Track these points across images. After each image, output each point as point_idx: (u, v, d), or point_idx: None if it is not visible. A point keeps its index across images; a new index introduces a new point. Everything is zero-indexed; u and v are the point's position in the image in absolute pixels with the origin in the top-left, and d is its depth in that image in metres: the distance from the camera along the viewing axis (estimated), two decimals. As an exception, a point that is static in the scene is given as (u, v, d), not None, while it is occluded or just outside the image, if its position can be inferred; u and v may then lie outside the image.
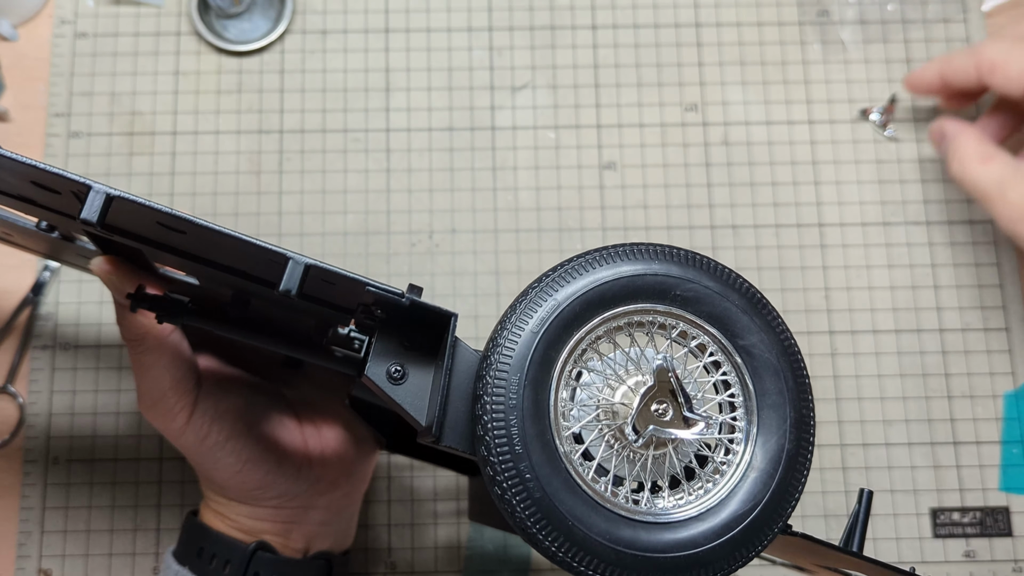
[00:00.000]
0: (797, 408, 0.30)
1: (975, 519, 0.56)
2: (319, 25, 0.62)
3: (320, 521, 0.46)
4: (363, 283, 0.29)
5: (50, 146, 0.59)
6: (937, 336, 0.58)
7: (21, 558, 0.54)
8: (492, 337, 0.30)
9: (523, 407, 0.28)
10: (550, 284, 0.30)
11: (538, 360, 0.29)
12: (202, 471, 0.45)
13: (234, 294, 0.38)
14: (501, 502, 0.28)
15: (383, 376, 0.30)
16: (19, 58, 0.61)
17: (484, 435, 0.28)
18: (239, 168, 0.59)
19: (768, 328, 0.31)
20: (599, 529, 0.28)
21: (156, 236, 0.32)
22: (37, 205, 0.33)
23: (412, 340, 0.31)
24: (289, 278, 0.28)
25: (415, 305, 0.29)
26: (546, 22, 0.62)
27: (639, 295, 0.30)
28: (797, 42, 0.62)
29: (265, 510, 0.45)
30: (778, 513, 0.30)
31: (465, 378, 0.30)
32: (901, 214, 0.60)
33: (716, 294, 0.30)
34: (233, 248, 0.30)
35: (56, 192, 0.30)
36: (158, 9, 0.61)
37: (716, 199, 0.60)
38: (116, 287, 0.38)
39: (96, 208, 0.27)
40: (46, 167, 0.28)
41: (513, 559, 0.55)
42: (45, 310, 0.57)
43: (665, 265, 0.30)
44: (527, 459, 0.28)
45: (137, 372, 0.42)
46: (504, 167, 0.60)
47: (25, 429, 0.56)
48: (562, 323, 0.29)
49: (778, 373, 0.30)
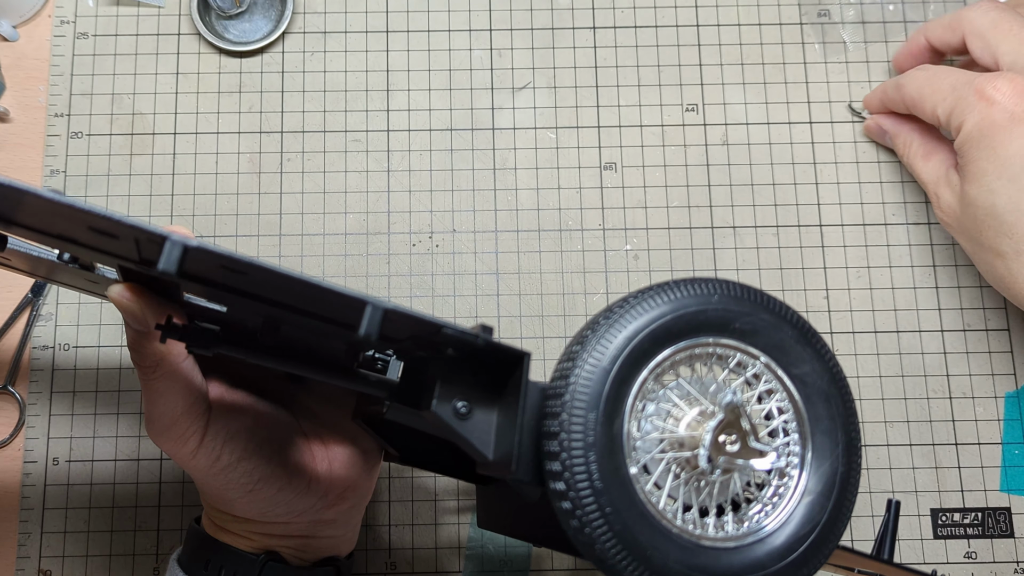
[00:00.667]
0: (847, 432, 0.32)
1: (976, 520, 0.56)
2: (320, 26, 0.62)
3: (328, 533, 0.46)
4: (438, 326, 0.29)
5: (50, 146, 0.59)
6: (938, 337, 0.58)
7: (21, 558, 0.54)
8: (562, 372, 0.30)
9: (600, 444, 0.29)
10: (619, 320, 0.30)
11: (612, 397, 0.30)
12: (212, 492, 0.44)
13: (264, 321, 0.37)
14: (580, 535, 0.29)
15: (450, 412, 0.31)
16: (19, 58, 0.61)
17: (563, 471, 0.29)
18: (240, 169, 0.59)
19: (819, 357, 0.32)
20: (675, 556, 0.29)
21: (206, 274, 0.31)
22: (81, 245, 0.32)
23: (476, 376, 0.31)
24: (369, 324, 0.28)
25: (489, 346, 0.29)
26: (546, 23, 0.62)
27: (701, 329, 0.31)
28: (798, 42, 0.62)
29: (275, 526, 0.44)
30: (835, 532, 0.31)
31: (530, 411, 0.31)
32: (902, 215, 0.59)
33: (771, 326, 0.32)
34: (303, 292, 0.29)
35: (114, 236, 0.29)
36: (158, 9, 0.62)
37: (717, 200, 0.59)
38: (136, 316, 0.37)
39: (174, 260, 0.27)
40: (120, 218, 0.26)
41: (513, 559, 0.55)
42: (45, 310, 0.57)
43: (724, 300, 0.31)
44: (606, 494, 0.29)
45: (149, 398, 0.40)
46: (504, 168, 0.60)
47: (25, 429, 0.56)
48: (632, 359, 0.30)
49: (829, 400, 0.32)
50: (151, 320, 0.37)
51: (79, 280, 0.43)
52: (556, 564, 0.55)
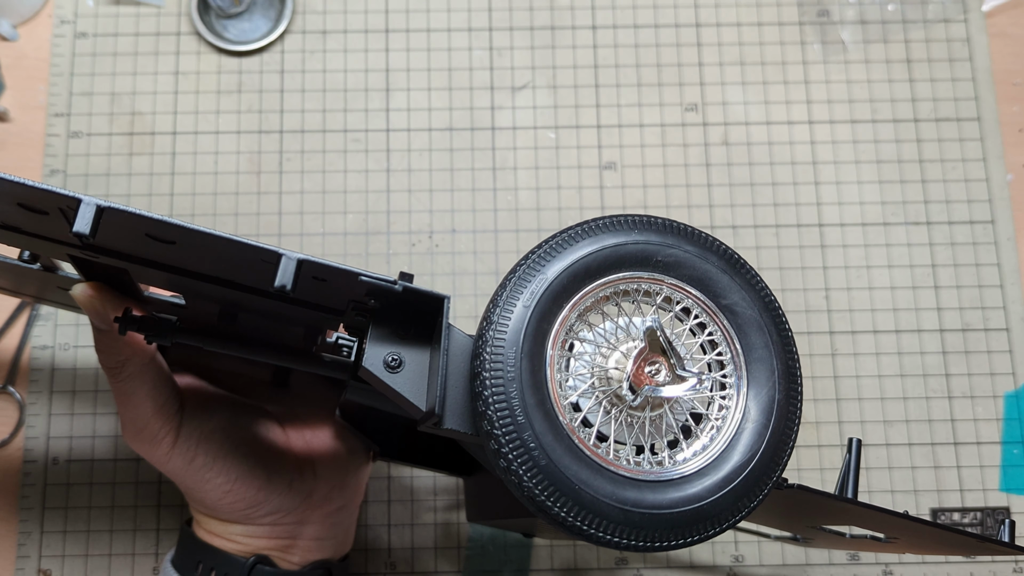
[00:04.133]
0: (783, 360, 0.31)
1: (975, 519, 0.56)
2: (319, 25, 0.62)
3: (315, 536, 0.46)
4: (355, 274, 0.29)
5: (50, 146, 0.59)
6: (938, 336, 0.58)
7: (21, 558, 0.54)
8: (485, 315, 0.30)
9: (522, 378, 0.29)
10: (537, 260, 0.31)
11: (532, 333, 0.30)
12: (192, 494, 0.44)
13: (221, 310, 0.38)
14: (507, 474, 0.29)
15: (380, 366, 0.31)
16: (19, 58, 0.61)
17: (486, 410, 0.29)
18: (239, 168, 0.59)
19: (748, 286, 0.32)
20: (605, 491, 0.29)
21: (144, 252, 0.32)
22: (23, 232, 0.33)
23: (405, 329, 0.31)
24: (283, 274, 0.28)
25: (408, 291, 0.30)
26: (546, 22, 0.62)
27: (622, 264, 0.31)
28: (797, 42, 0.62)
29: (260, 528, 0.44)
30: (775, 461, 0.31)
31: (461, 361, 0.31)
32: (901, 214, 0.60)
33: (695, 257, 0.32)
34: (224, 252, 0.30)
35: (44, 213, 0.30)
36: (158, 9, 0.61)
37: (716, 199, 0.60)
38: (99, 313, 0.37)
39: (88, 220, 0.27)
40: (34, 184, 0.27)
41: (513, 559, 0.55)
42: (45, 311, 0.57)
43: (645, 233, 0.31)
44: (530, 428, 0.28)
45: (119, 400, 0.41)
46: (504, 167, 0.60)
47: (25, 429, 0.56)
48: (552, 296, 0.30)
49: (762, 328, 0.31)
50: (112, 315, 0.38)
51: (51, 291, 0.43)
52: (556, 564, 0.55)
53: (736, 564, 0.55)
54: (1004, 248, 0.59)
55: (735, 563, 0.55)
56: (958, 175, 0.60)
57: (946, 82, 0.62)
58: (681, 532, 0.29)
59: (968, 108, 0.61)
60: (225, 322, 0.38)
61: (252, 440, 0.44)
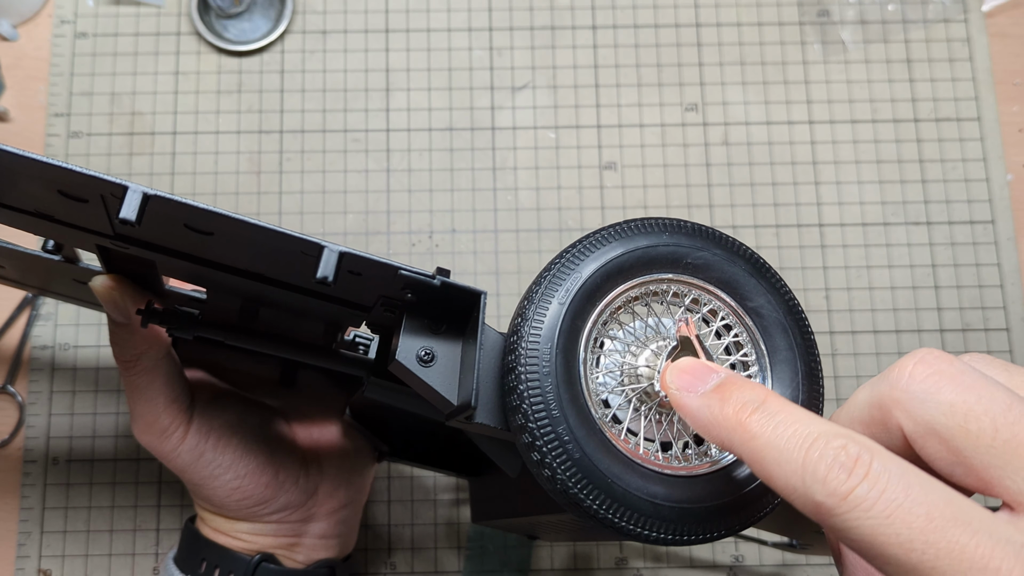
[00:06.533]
0: (806, 362, 0.32)
1: (976, 520, 0.56)
2: (319, 25, 0.62)
3: (321, 534, 0.46)
4: (395, 268, 0.30)
5: (50, 146, 0.59)
6: (938, 336, 0.58)
7: (21, 558, 0.54)
8: (518, 312, 0.31)
9: (557, 373, 0.29)
10: (571, 259, 0.31)
11: (567, 330, 0.30)
12: (200, 491, 0.44)
13: (243, 305, 0.38)
14: (540, 467, 0.29)
15: (413, 360, 0.31)
16: (19, 58, 0.61)
17: (520, 403, 0.29)
18: (239, 168, 0.59)
19: (773, 289, 0.32)
20: (636, 485, 0.29)
21: (176, 243, 0.32)
22: (55, 221, 0.33)
23: (438, 325, 0.32)
24: (325, 266, 0.29)
25: (446, 285, 0.30)
26: (546, 22, 0.62)
27: (653, 265, 0.32)
28: (797, 42, 0.62)
29: (266, 525, 0.44)
30: None
31: (492, 357, 0.31)
32: (902, 214, 0.60)
33: (723, 260, 0.32)
34: (263, 244, 0.30)
35: (83, 201, 0.30)
36: (158, 9, 0.61)
37: (716, 199, 0.59)
38: (118, 305, 0.38)
39: (134, 207, 0.28)
40: (81, 170, 0.28)
41: (513, 559, 0.55)
42: (45, 310, 0.57)
43: (675, 236, 0.32)
44: (564, 422, 0.29)
45: (131, 394, 0.41)
46: (504, 167, 0.60)
47: (25, 429, 0.56)
48: (586, 295, 0.31)
49: (786, 330, 0.32)
50: (132, 309, 0.38)
51: (69, 286, 0.43)
52: (556, 564, 0.55)
53: (736, 564, 0.55)
54: (1004, 248, 0.59)
55: (735, 563, 0.55)
56: (958, 175, 0.60)
57: (946, 82, 0.62)
58: (709, 526, 0.29)
59: (968, 108, 0.61)
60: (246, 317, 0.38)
61: (261, 436, 0.44)
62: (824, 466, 0.22)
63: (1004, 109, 0.61)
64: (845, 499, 0.21)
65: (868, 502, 0.21)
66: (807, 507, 0.22)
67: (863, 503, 0.21)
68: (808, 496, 0.22)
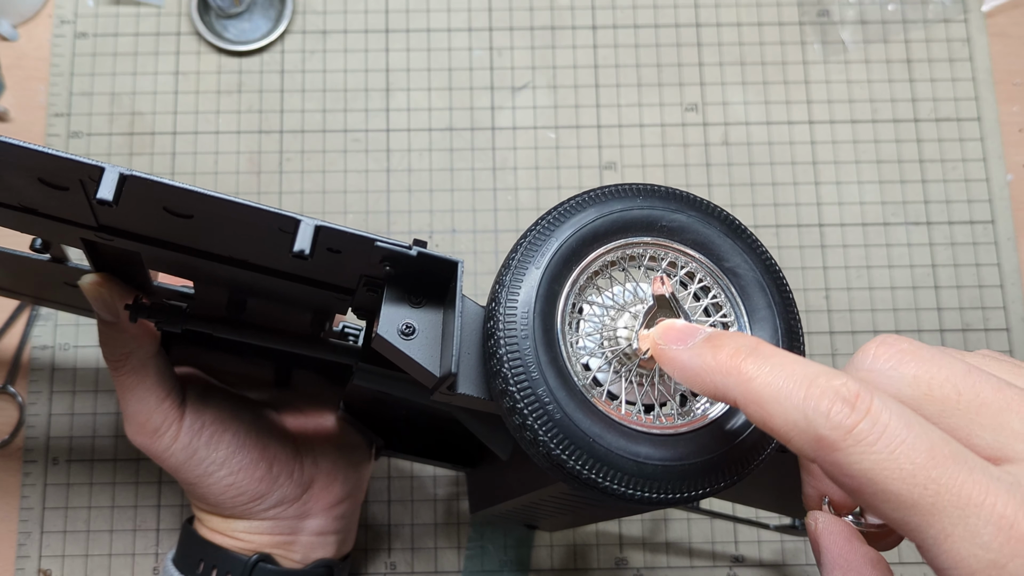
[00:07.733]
0: (785, 319, 0.32)
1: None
2: (319, 25, 0.62)
3: (318, 531, 0.46)
4: (371, 239, 0.30)
5: (50, 146, 0.59)
6: (938, 336, 0.58)
7: (21, 558, 0.54)
8: (497, 279, 0.31)
9: (535, 336, 0.30)
10: (546, 226, 0.31)
11: (544, 294, 0.30)
12: (194, 490, 0.44)
13: (230, 297, 0.38)
14: (522, 431, 0.29)
15: (395, 334, 0.31)
16: (19, 58, 0.61)
17: (500, 368, 0.29)
18: (239, 168, 0.59)
19: (749, 249, 0.33)
20: (618, 444, 0.29)
21: (159, 232, 0.33)
22: (39, 215, 0.33)
23: (417, 298, 0.32)
24: (302, 239, 0.29)
25: (422, 256, 0.31)
26: (546, 22, 0.62)
27: (629, 229, 0.32)
28: (797, 42, 0.62)
29: (262, 523, 0.44)
30: None
31: (473, 327, 0.31)
32: (902, 214, 0.60)
33: (697, 222, 0.32)
34: (241, 222, 0.30)
35: (64, 188, 0.30)
36: (158, 9, 0.61)
37: (716, 199, 0.60)
38: (106, 303, 0.38)
39: (111, 187, 0.28)
40: (57, 153, 0.28)
41: (513, 559, 0.55)
42: (45, 310, 0.57)
43: (649, 199, 0.32)
44: (544, 383, 0.29)
45: (121, 394, 0.41)
46: (504, 167, 0.60)
47: (25, 429, 0.56)
48: (562, 259, 0.31)
49: (764, 289, 0.32)
50: (120, 305, 0.38)
51: (61, 290, 0.44)
52: (556, 564, 0.55)
53: (736, 564, 0.55)
54: (1004, 248, 0.59)
55: (735, 563, 0.55)
56: (958, 175, 0.60)
57: (946, 82, 0.62)
58: (693, 484, 0.29)
59: (968, 108, 0.61)
60: (234, 310, 0.38)
61: (253, 430, 0.44)
62: (827, 401, 0.22)
63: (1004, 109, 0.61)
64: (850, 432, 0.22)
65: (873, 436, 0.21)
66: (808, 444, 0.22)
67: (868, 437, 0.22)
68: (811, 430, 0.22)
